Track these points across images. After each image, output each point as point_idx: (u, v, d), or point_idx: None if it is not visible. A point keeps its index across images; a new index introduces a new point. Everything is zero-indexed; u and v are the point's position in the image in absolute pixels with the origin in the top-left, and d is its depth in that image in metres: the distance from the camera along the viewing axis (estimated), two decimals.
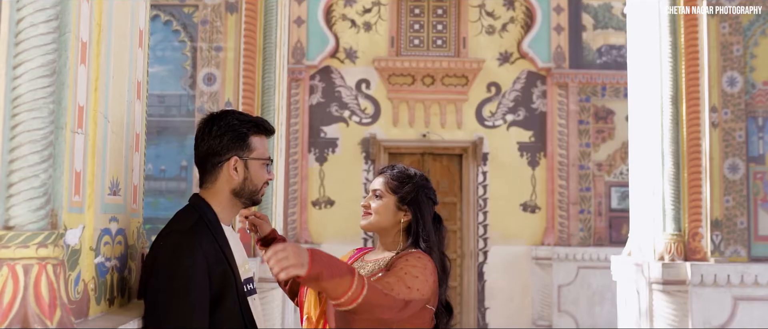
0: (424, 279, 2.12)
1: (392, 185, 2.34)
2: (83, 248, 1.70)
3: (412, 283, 2.07)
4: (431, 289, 2.15)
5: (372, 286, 1.94)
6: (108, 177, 1.86)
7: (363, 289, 1.89)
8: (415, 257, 2.20)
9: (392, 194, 2.33)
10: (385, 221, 2.33)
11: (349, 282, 1.88)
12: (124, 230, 1.98)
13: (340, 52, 9.28)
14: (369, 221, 2.36)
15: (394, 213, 2.33)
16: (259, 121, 2.13)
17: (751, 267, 5.09)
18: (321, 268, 1.82)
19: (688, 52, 5.28)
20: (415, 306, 2.08)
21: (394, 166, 2.42)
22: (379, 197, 2.34)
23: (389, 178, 2.36)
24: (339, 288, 1.87)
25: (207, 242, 1.94)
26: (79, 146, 1.67)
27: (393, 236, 2.35)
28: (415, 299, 2.06)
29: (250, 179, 2.08)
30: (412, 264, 2.15)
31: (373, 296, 1.92)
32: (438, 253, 2.29)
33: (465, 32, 9.30)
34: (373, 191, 2.37)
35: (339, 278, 1.86)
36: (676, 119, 5.28)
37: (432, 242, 2.29)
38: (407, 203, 2.32)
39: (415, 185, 2.35)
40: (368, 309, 1.93)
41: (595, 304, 8.82)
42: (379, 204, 2.33)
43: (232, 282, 1.96)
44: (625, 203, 9.03)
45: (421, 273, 2.12)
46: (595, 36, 9.23)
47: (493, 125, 9.29)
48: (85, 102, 1.70)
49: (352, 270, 1.91)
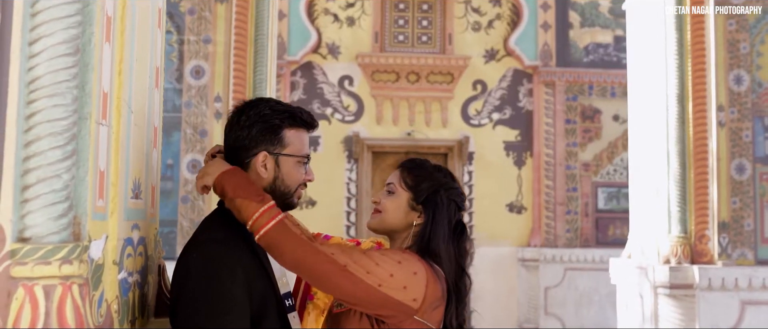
0: (402, 279, 1.75)
1: (407, 180, 1.97)
2: (106, 262, 1.43)
3: (375, 270, 1.73)
4: (421, 296, 1.77)
5: (288, 229, 1.68)
6: (131, 177, 1.58)
7: (270, 221, 1.66)
8: (397, 252, 1.86)
9: (407, 190, 1.97)
10: (395, 222, 1.96)
11: (256, 208, 1.66)
12: (144, 238, 1.71)
13: (323, 47, 9.01)
14: (377, 219, 1.98)
15: (405, 213, 1.95)
16: (297, 111, 1.84)
17: (758, 271, 4.96)
18: (226, 181, 1.70)
19: (694, 50, 5.13)
20: (381, 301, 1.73)
21: (416, 159, 2.06)
22: (392, 192, 1.98)
23: (405, 171, 2.00)
24: (243, 212, 1.67)
25: (245, 255, 1.68)
26: (103, 141, 1.39)
27: (402, 241, 1.97)
28: (371, 285, 1.71)
29: (281, 179, 1.80)
30: (386, 253, 1.82)
31: (285, 237, 1.66)
32: (452, 266, 1.91)
33: (451, 29, 9.09)
34: (387, 185, 2.01)
35: (245, 199, 1.67)
36: (683, 117, 5.13)
37: (440, 252, 1.89)
38: (422, 203, 1.95)
39: (435, 182, 1.97)
40: (277, 247, 1.67)
41: (583, 306, 8.68)
42: (390, 201, 1.97)
43: (273, 300, 1.71)
44: (611, 203, 8.93)
45: (394, 268, 1.76)
46: (582, 34, 9.09)
47: (479, 123, 9.10)
48: (109, 88, 1.42)
49: (264, 201, 1.68)
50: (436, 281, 1.83)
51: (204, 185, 1.76)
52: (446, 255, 1.91)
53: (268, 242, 1.68)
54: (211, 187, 1.75)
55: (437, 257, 1.89)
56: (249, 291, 1.65)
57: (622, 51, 9.07)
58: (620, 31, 9.07)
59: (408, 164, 2.03)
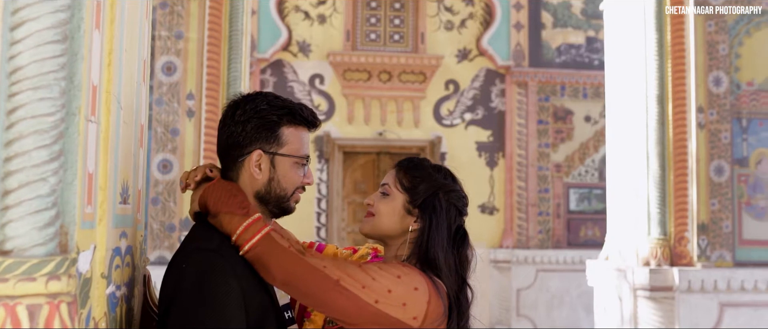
0: (401, 295, 1.58)
1: (404, 181, 1.79)
2: (94, 275, 1.28)
3: (371, 284, 1.57)
4: (422, 314, 1.60)
5: (275, 243, 1.54)
6: (120, 181, 1.43)
7: (256, 235, 1.53)
8: (397, 265, 1.68)
9: (403, 192, 1.78)
10: (389, 227, 1.78)
11: (239, 222, 1.54)
12: (132, 247, 1.56)
13: (293, 45, 8.84)
14: (369, 224, 1.80)
15: (401, 217, 1.77)
16: (297, 108, 1.69)
17: (737, 272, 4.95)
18: (208, 197, 1.58)
19: (674, 51, 5.10)
20: (378, 319, 1.57)
21: (414, 158, 1.87)
22: (386, 194, 1.80)
23: (402, 171, 1.82)
24: (227, 227, 1.55)
25: (241, 264, 1.54)
26: (92, 139, 1.25)
27: (398, 248, 1.79)
28: (366, 302, 1.55)
29: (277, 181, 1.66)
30: (385, 267, 1.64)
31: (272, 251, 1.53)
32: (453, 277, 1.73)
33: (423, 28, 9.00)
34: (381, 186, 1.84)
35: (228, 213, 1.55)
36: (662, 119, 5.09)
37: (439, 261, 1.71)
38: (419, 206, 1.77)
39: (434, 183, 1.79)
40: (264, 263, 1.53)
41: (554, 308, 8.66)
42: (384, 204, 1.79)
43: (272, 313, 1.57)
44: (583, 204, 8.92)
45: (393, 283, 1.59)
46: (554, 34, 9.07)
47: (451, 123, 9.02)
48: (98, 81, 1.28)
49: (249, 214, 1.56)
50: (438, 297, 1.65)
51: (194, 211, 1.65)
52: (446, 264, 1.73)
53: (254, 258, 1.54)
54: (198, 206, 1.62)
55: (436, 267, 1.72)
56: (246, 304, 1.51)
57: (594, 52, 9.08)
58: (592, 32, 9.08)
59: (405, 164, 1.85)
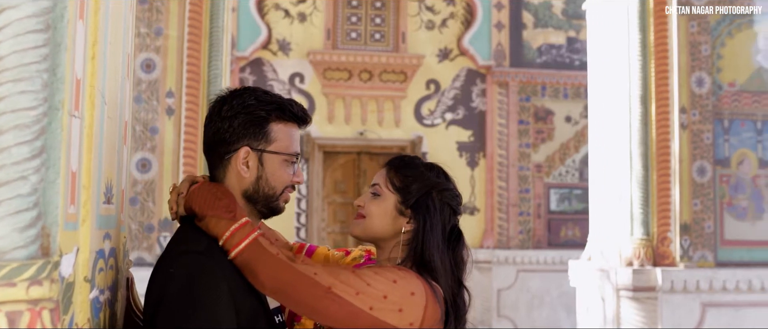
0: (397, 300, 1.51)
1: (395, 181, 1.72)
2: (77, 279, 1.21)
3: (366, 290, 1.50)
4: (419, 320, 1.53)
5: (263, 249, 1.48)
6: (104, 179, 1.37)
7: (243, 240, 1.47)
8: (393, 269, 1.60)
9: (394, 192, 1.71)
10: (381, 229, 1.70)
11: (226, 226, 1.48)
12: (115, 249, 1.49)
13: (273, 43, 8.75)
14: (360, 226, 1.72)
15: (393, 219, 1.70)
16: (287, 103, 1.63)
17: (719, 273, 4.96)
18: (193, 200, 1.52)
19: (657, 51, 5.10)
20: (372, 326, 1.50)
21: (405, 156, 1.79)
22: (377, 195, 1.72)
23: (393, 171, 1.74)
24: (213, 231, 1.49)
25: (229, 267, 1.47)
26: (75, 136, 1.18)
27: (391, 250, 1.72)
28: (360, 309, 1.48)
29: (265, 179, 1.59)
30: (380, 271, 1.56)
31: (260, 258, 1.47)
32: (449, 280, 1.67)
33: (404, 27, 8.95)
34: (371, 186, 1.75)
35: (214, 217, 1.49)
36: (646, 119, 5.09)
37: (435, 263, 1.65)
38: (412, 207, 1.70)
39: (427, 183, 1.71)
40: (252, 270, 1.47)
41: (535, 308, 8.66)
42: (375, 205, 1.71)
43: (263, 317, 1.51)
44: (563, 205, 8.93)
45: (388, 288, 1.52)
46: (535, 35, 9.07)
47: (432, 123, 8.98)
48: (82, 74, 1.21)
49: (236, 218, 1.49)
50: (435, 301, 1.58)
51: (175, 211, 1.58)
52: (442, 266, 1.66)
53: (243, 264, 1.48)
54: (183, 210, 1.56)
55: (432, 269, 1.65)
56: (236, 307, 1.45)
57: (574, 52, 9.09)
58: (573, 32, 9.10)
59: (396, 163, 1.77)
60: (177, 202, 1.56)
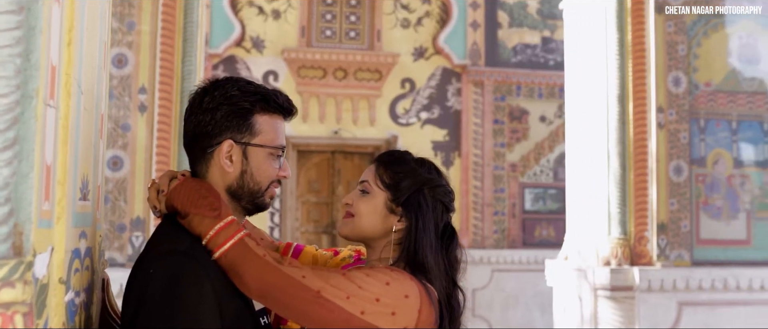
0: (390, 303, 1.44)
1: (385, 177, 1.65)
2: (52, 281, 1.13)
3: (357, 293, 1.42)
4: (412, 323, 1.46)
5: (249, 250, 1.40)
6: (80, 174, 1.28)
7: (228, 241, 1.39)
8: (386, 270, 1.52)
9: (384, 189, 1.64)
10: (371, 228, 1.63)
11: (210, 225, 1.40)
12: (91, 249, 1.40)
13: (246, 40, 8.63)
14: (349, 226, 1.65)
15: (383, 217, 1.63)
16: (272, 94, 1.56)
17: (695, 272, 4.98)
18: (175, 197, 1.43)
19: (635, 50, 5.11)
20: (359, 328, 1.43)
21: (394, 151, 1.73)
22: (366, 192, 1.65)
23: (382, 167, 1.67)
24: (196, 230, 1.41)
25: (213, 268, 1.40)
26: (50, 127, 1.10)
27: (381, 250, 1.64)
28: (351, 313, 1.41)
29: (250, 174, 1.52)
30: (372, 273, 1.49)
31: (246, 259, 1.39)
32: (443, 281, 1.60)
33: (379, 25, 8.89)
34: (360, 183, 1.68)
35: (197, 215, 1.41)
36: (623, 118, 5.09)
37: (428, 263, 1.57)
38: (403, 205, 1.62)
39: (418, 179, 1.64)
40: (237, 272, 1.39)
41: (509, 308, 8.65)
42: (364, 203, 1.64)
43: (249, 320, 1.44)
44: (538, 204, 8.94)
45: (381, 290, 1.44)
46: (510, 34, 9.07)
47: (407, 122, 8.94)
48: (58, 61, 1.13)
49: (221, 216, 1.41)
50: (430, 304, 1.51)
51: (154, 206, 1.49)
52: (436, 266, 1.59)
53: (227, 266, 1.40)
54: (165, 208, 1.47)
55: (426, 270, 1.57)
56: (220, 309, 1.37)
57: (549, 52, 9.11)
58: (548, 32, 9.11)
59: (385, 158, 1.70)
60: (158, 199, 1.48)
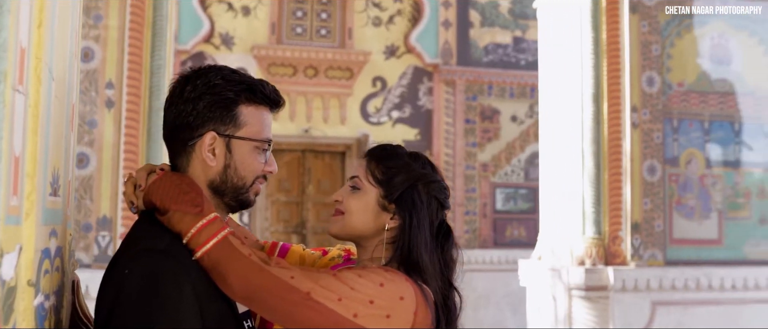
0: (384, 306, 1.37)
1: (377, 173, 1.56)
2: (20, 283, 1.03)
3: (349, 295, 1.34)
4: (408, 326, 1.39)
5: (234, 249, 1.32)
6: (50, 167, 1.19)
7: (211, 239, 1.31)
8: (380, 270, 1.44)
9: (376, 185, 1.55)
10: (362, 226, 1.55)
11: (191, 222, 1.32)
12: (61, 248, 1.31)
13: (216, 37, 8.48)
14: (339, 224, 1.56)
15: (375, 214, 1.55)
16: (258, 84, 1.47)
17: (668, 271, 5.00)
18: (153, 193, 1.34)
19: (610, 50, 5.10)
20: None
21: (387, 146, 1.62)
22: (357, 189, 1.56)
23: (374, 161, 1.58)
24: (177, 227, 1.33)
25: (194, 267, 1.31)
26: (19, 115, 1.00)
27: (373, 250, 1.57)
28: (343, 316, 1.33)
29: (234, 168, 1.43)
30: (365, 274, 1.41)
31: (230, 259, 1.31)
32: (438, 281, 1.53)
33: (351, 23, 8.80)
34: (350, 179, 1.60)
35: (178, 212, 1.32)
36: (598, 117, 5.08)
37: (423, 263, 1.50)
38: (396, 202, 1.54)
39: (412, 174, 1.56)
40: (220, 273, 1.31)
41: (480, 308, 8.62)
42: (355, 200, 1.55)
43: (232, 322, 1.35)
44: (509, 204, 8.94)
45: (375, 292, 1.37)
46: (482, 34, 9.05)
47: (378, 121, 8.86)
48: (27, 43, 1.03)
49: (203, 213, 1.33)
50: (426, 306, 1.43)
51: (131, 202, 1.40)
52: (431, 266, 1.52)
53: (210, 266, 1.31)
54: (142, 204, 1.38)
55: (421, 270, 1.49)
56: (201, 312, 1.29)
57: (520, 52, 9.11)
58: (519, 32, 9.12)
59: (377, 153, 1.60)
60: (135, 194, 1.38)
